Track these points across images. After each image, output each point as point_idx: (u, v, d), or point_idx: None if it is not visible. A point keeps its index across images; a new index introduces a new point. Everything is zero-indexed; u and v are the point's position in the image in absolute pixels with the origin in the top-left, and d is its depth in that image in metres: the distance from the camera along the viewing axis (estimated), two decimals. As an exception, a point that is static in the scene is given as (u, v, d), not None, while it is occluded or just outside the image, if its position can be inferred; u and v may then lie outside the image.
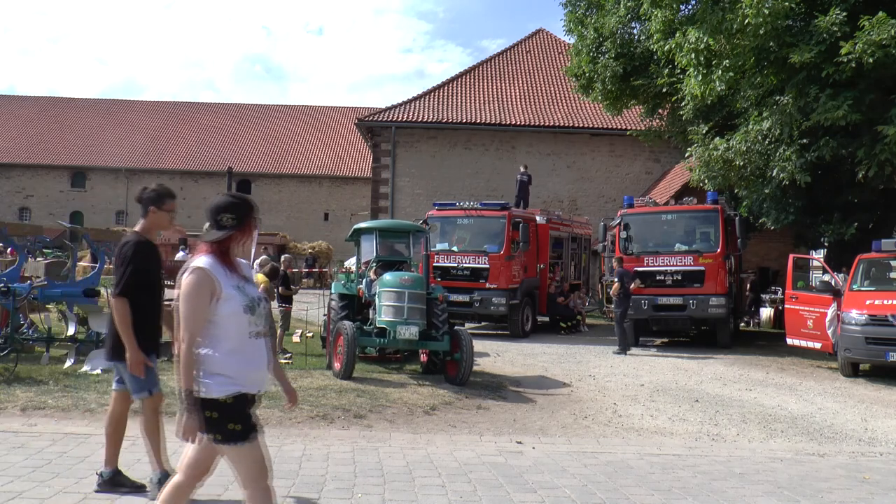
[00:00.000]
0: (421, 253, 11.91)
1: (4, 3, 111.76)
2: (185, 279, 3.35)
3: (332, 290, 11.59)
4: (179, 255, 24.57)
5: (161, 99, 58.22)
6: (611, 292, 15.68)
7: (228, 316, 3.35)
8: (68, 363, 9.40)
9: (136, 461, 5.81)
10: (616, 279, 14.99)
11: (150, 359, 4.84)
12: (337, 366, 9.85)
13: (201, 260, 3.40)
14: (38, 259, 16.15)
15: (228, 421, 3.29)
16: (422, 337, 9.99)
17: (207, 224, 3.52)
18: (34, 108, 53.41)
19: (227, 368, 3.31)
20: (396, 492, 5.36)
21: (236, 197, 3.52)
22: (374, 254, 11.35)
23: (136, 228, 5.03)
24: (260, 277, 11.42)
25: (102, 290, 11.23)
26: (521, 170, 22.96)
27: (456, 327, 11.04)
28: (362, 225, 12.14)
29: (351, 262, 20.24)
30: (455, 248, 16.68)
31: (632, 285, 14.85)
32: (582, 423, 8.13)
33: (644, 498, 5.52)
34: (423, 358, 10.96)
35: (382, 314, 10.02)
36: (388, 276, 10.25)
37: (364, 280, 11.21)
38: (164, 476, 4.81)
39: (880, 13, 11.90)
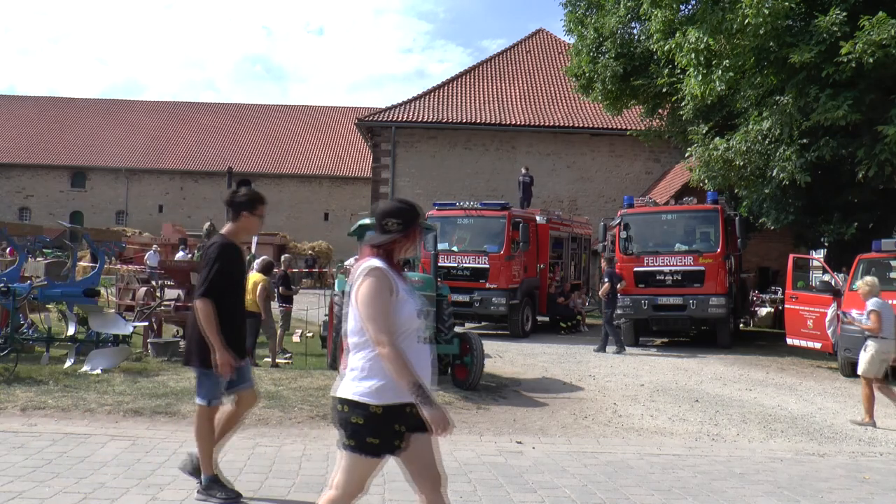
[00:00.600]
0: (427, 252, 11.78)
1: (5, 3, 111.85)
2: (363, 282, 3.24)
3: (336, 288, 11.11)
4: (179, 255, 24.60)
5: (161, 99, 58.27)
6: (599, 293, 15.71)
7: (403, 320, 3.26)
8: (68, 363, 9.41)
9: (135, 461, 5.82)
10: (606, 279, 15.04)
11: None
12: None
13: (373, 261, 3.30)
14: (38, 259, 16.15)
15: (369, 433, 3.20)
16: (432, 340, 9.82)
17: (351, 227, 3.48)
18: (34, 108, 53.40)
19: (386, 377, 3.20)
20: (396, 492, 5.36)
21: (403, 202, 3.45)
22: None
23: (224, 231, 4.98)
24: (256, 276, 11.41)
25: (102, 290, 11.23)
26: (523, 171, 23.01)
27: (464, 330, 10.77)
28: (367, 221, 12.01)
29: (350, 262, 20.23)
30: (455, 248, 16.68)
31: (619, 286, 14.96)
32: (582, 423, 8.13)
33: (644, 498, 5.52)
34: None
35: None
36: None
37: None
38: (208, 479, 4.85)
39: (880, 13, 11.90)
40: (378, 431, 3.22)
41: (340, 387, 3.35)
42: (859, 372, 8.69)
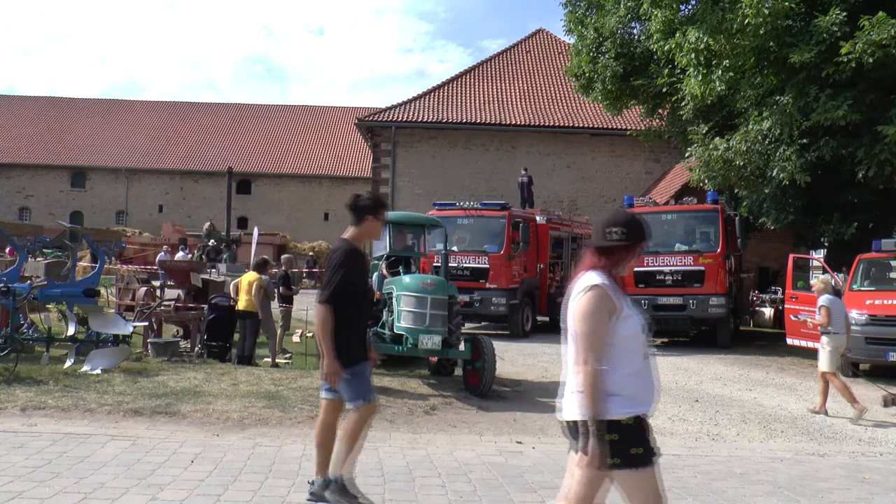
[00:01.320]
0: (437, 250, 11.62)
1: (5, 3, 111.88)
2: (584, 297, 3.17)
3: None
4: (179, 255, 24.60)
5: (161, 99, 58.28)
6: None
7: (628, 337, 3.18)
8: (68, 363, 9.41)
9: (135, 461, 5.82)
10: None
11: (361, 367, 4.79)
12: None
13: (594, 277, 3.20)
14: (38, 259, 16.15)
15: (630, 444, 3.11)
16: (443, 345, 9.19)
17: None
18: (34, 108, 53.43)
19: (626, 388, 3.13)
20: (396, 492, 5.36)
21: (633, 215, 3.36)
22: (388, 248, 10.68)
23: (347, 236, 4.94)
24: (251, 276, 11.41)
25: (102, 290, 11.23)
26: (522, 172, 23.03)
27: (476, 334, 10.46)
28: None
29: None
30: (455, 248, 16.68)
31: None
32: (582, 423, 8.12)
33: (644, 498, 5.51)
34: (433, 359, 10.39)
35: (401, 320, 9.14)
36: (408, 279, 9.45)
37: (374, 274, 10.53)
38: (339, 481, 4.80)
39: (880, 13, 11.89)
40: (638, 440, 3.15)
41: (574, 408, 3.21)
42: (822, 369, 9.13)
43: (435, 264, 12.26)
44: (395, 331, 9.32)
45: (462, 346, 9.52)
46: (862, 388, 11.18)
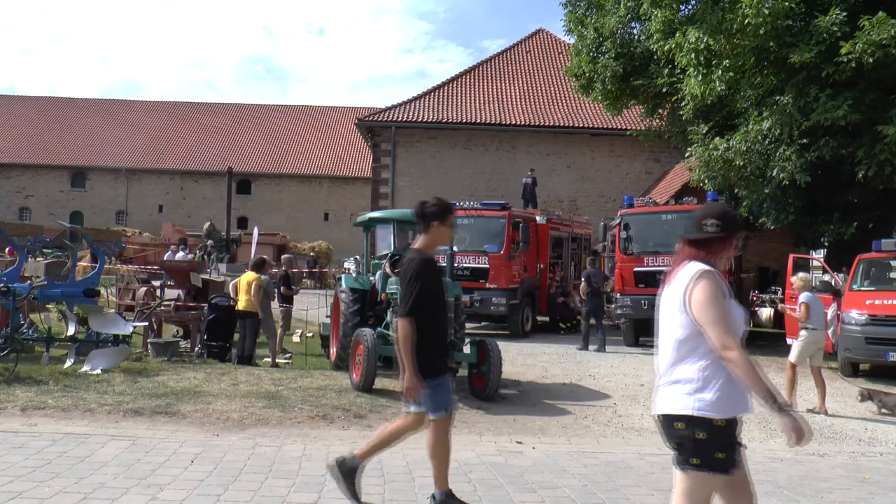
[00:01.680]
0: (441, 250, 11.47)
1: (6, 3, 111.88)
2: (697, 285, 3.11)
3: (343, 284, 10.58)
4: (179, 255, 24.61)
5: (161, 99, 58.29)
6: (580, 293, 15.81)
7: (736, 327, 3.10)
8: (68, 363, 9.41)
9: (135, 461, 5.82)
10: (583, 279, 15.25)
11: (443, 378, 4.75)
12: (356, 376, 8.91)
13: (701, 265, 3.17)
14: (38, 259, 16.15)
15: (716, 448, 3.03)
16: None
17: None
18: (34, 108, 53.44)
19: (725, 387, 3.03)
20: (396, 492, 5.36)
21: (727, 208, 3.36)
22: (392, 247, 10.53)
23: (417, 245, 4.90)
24: (250, 275, 11.41)
25: (102, 290, 11.23)
26: (528, 172, 23.12)
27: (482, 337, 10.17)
28: (377, 214, 11.32)
29: (349, 263, 20.16)
30: (455, 248, 16.68)
31: (607, 287, 15.28)
32: (582, 423, 8.13)
33: (644, 498, 5.52)
34: None
35: None
36: None
37: (378, 274, 10.36)
38: (447, 496, 4.77)
39: (880, 13, 11.89)
40: (724, 445, 3.06)
41: (667, 402, 3.16)
42: (790, 358, 9.46)
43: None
44: None
45: (468, 349, 9.36)
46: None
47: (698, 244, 3.25)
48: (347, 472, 4.87)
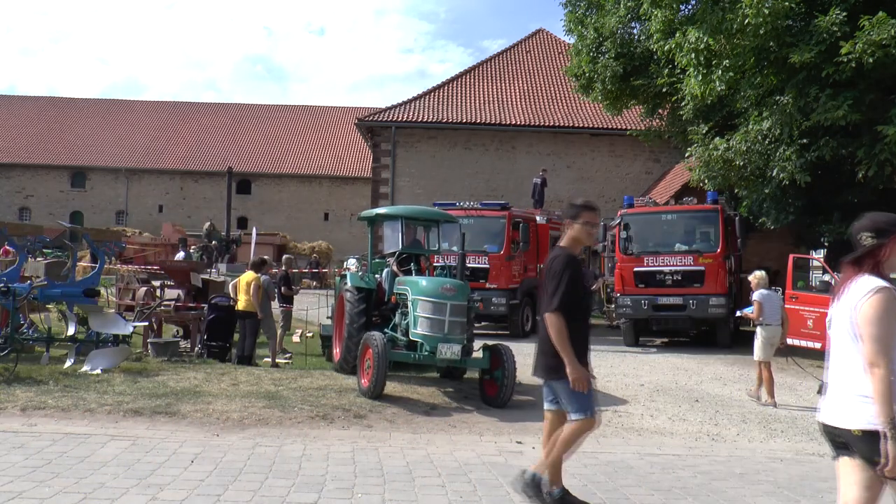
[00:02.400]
0: (447, 249, 11.08)
1: (6, 3, 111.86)
2: (872, 299, 3.19)
3: (349, 282, 10.10)
4: (179, 256, 24.63)
5: (162, 99, 58.26)
6: None
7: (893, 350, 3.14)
8: (68, 363, 9.41)
9: (135, 461, 5.82)
10: None
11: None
12: (364, 382, 8.55)
13: (878, 280, 3.24)
14: (38, 259, 16.15)
15: None
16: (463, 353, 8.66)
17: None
18: (34, 108, 53.43)
19: None
20: (396, 492, 5.36)
21: (876, 216, 3.43)
22: (400, 245, 10.08)
23: (563, 244, 4.97)
24: (249, 275, 11.42)
25: (102, 290, 11.22)
26: (540, 172, 23.18)
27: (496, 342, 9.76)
28: (384, 210, 10.88)
29: (351, 262, 20.09)
30: (455, 248, 16.68)
31: (594, 286, 15.38)
32: (582, 423, 8.12)
33: (644, 498, 5.52)
34: None
35: (418, 326, 8.62)
36: (424, 282, 8.90)
37: (385, 272, 10.01)
38: (565, 493, 4.82)
39: (880, 13, 11.88)
40: None
41: (852, 415, 3.22)
42: (755, 358, 9.87)
43: (439, 263, 11.35)
44: (410, 337, 8.83)
45: (479, 354, 9.06)
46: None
47: (861, 259, 3.37)
48: (561, 500, 4.85)
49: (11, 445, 6.11)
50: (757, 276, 10.37)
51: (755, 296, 9.98)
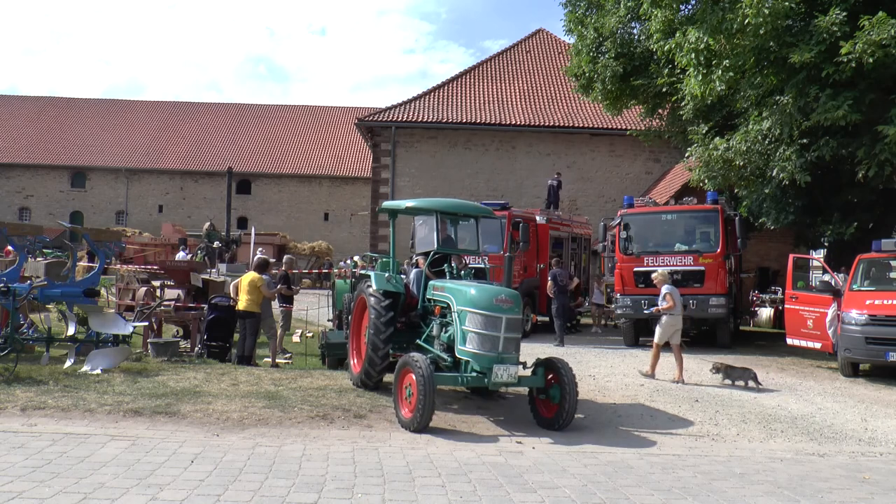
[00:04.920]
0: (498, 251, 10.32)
1: (8, 3, 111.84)
2: None
3: (374, 284, 8.59)
4: (180, 256, 24.61)
5: (163, 99, 58.24)
6: (547, 291, 16.07)
7: None
8: (68, 363, 9.41)
9: (135, 461, 5.82)
10: (550, 278, 15.77)
11: None
12: (406, 412, 7.38)
13: None
14: (38, 259, 16.14)
15: None
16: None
17: None
18: (34, 107, 53.39)
19: None
20: (396, 492, 5.36)
21: None
22: (436, 243, 8.75)
23: None
24: (252, 275, 11.41)
25: (102, 290, 11.21)
26: (555, 175, 23.25)
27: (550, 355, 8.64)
28: (414, 203, 9.07)
29: (357, 258, 20.03)
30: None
31: (572, 285, 16.37)
32: (582, 423, 8.13)
33: (644, 498, 5.52)
34: None
35: (466, 343, 7.52)
36: (473, 291, 7.68)
37: (413, 273, 8.89)
38: None
39: (880, 13, 11.89)
40: None
41: None
42: (655, 340, 11.37)
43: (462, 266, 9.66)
44: (456, 355, 7.70)
45: (527, 371, 7.97)
46: (861, 388, 11.20)
47: None
48: None
49: (11, 445, 6.11)
50: (661, 273, 11.77)
51: (665, 289, 11.19)
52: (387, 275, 8.83)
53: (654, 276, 11.85)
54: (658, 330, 11.24)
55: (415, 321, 8.67)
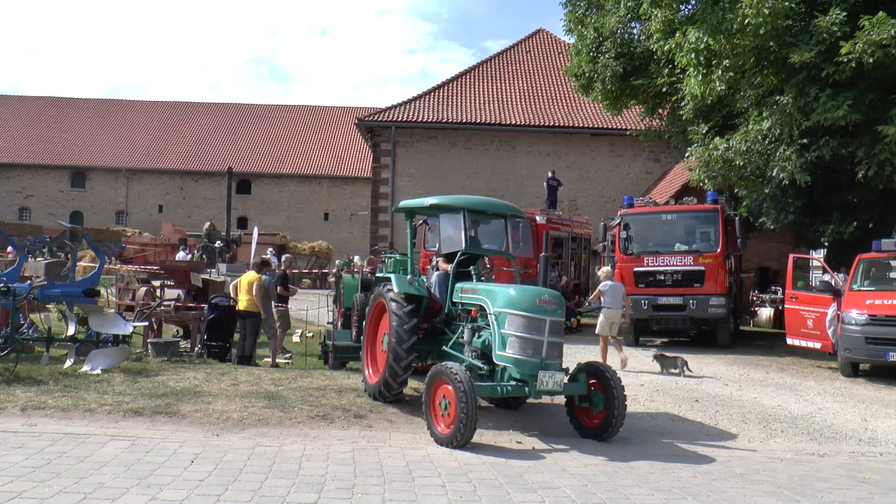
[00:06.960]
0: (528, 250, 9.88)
1: (9, 4, 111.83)
2: None
3: (396, 287, 8.00)
4: (180, 256, 24.62)
5: (163, 99, 58.23)
6: None
7: None
8: (68, 363, 9.41)
9: (135, 461, 5.82)
10: None
11: None
12: (442, 428, 6.82)
13: None
14: (39, 259, 16.15)
15: None
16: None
17: None
18: (35, 107, 53.39)
19: None
20: (396, 492, 5.36)
21: None
22: (464, 244, 8.07)
23: None
24: (252, 275, 11.41)
25: (102, 290, 11.21)
26: (549, 174, 23.24)
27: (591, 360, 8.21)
28: (437, 200, 8.48)
29: (357, 259, 20.01)
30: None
31: (561, 282, 16.71)
32: (582, 423, 8.11)
33: (644, 498, 5.52)
34: None
35: (507, 347, 7.00)
36: (513, 292, 7.20)
37: (435, 276, 8.42)
38: None
39: (880, 13, 11.89)
40: None
41: None
42: (596, 332, 12.51)
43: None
44: (494, 360, 7.19)
45: (572, 376, 7.40)
46: (861, 388, 11.21)
47: None
48: None
49: (11, 445, 6.11)
50: (603, 271, 13.00)
51: (601, 286, 12.43)
52: (409, 277, 8.29)
53: (598, 272, 12.91)
54: (599, 322, 12.41)
55: (438, 327, 8.19)
